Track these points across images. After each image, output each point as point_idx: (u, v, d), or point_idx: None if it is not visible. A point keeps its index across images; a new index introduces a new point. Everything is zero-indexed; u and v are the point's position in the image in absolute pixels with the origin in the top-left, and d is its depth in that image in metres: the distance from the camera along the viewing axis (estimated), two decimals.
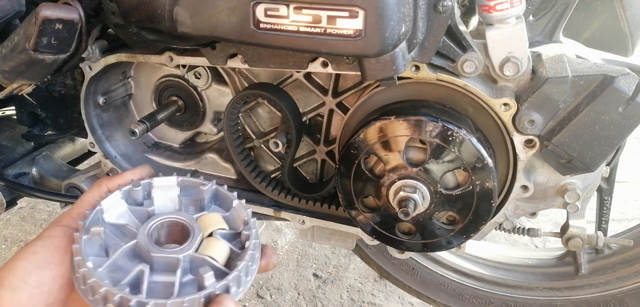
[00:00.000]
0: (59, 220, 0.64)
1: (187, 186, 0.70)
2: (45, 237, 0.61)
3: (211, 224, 0.64)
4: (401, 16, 0.65)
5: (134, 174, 0.71)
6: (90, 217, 0.61)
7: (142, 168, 0.74)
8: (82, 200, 0.67)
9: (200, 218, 0.65)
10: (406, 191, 0.80)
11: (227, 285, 0.56)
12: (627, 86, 0.71)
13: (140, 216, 0.66)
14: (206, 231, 0.63)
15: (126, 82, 1.09)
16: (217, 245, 0.61)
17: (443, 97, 0.83)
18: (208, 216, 0.66)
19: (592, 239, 1.05)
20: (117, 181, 0.69)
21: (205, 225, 0.64)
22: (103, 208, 0.63)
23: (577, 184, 0.84)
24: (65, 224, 0.63)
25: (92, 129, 1.04)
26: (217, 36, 0.73)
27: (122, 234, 0.63)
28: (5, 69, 0.80)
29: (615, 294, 1.11)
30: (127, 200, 0.67)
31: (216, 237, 0.63)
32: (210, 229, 0.64)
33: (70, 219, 0.64)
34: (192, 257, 0.59)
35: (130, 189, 0.67)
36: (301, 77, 0.92)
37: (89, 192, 0.68)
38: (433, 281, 1.27)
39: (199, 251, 0.60)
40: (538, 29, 0.87)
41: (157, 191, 0.68)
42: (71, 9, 0.77)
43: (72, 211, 0.66)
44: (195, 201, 0.70)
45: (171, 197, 0.69)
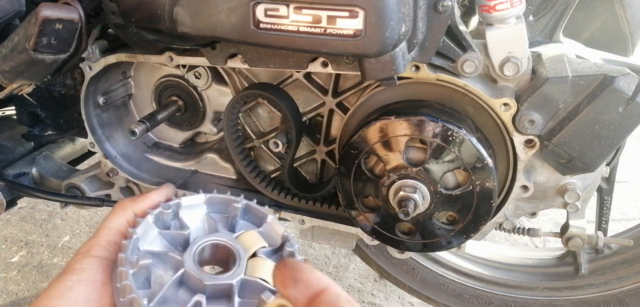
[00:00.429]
0: (89, 250, 0.60)
1: (215, 202, 0.68)
2: (77, 270, 0.57)
3: (253, 243, 0.62)
4: (401, 16, 0.65)
5: (160, 195, 0.68)
6: (129, 247, 0.57)
7: (167, 188, 0.71)
8: (109, 227, 0.63)
9: (240, 238, 0.63)
10: (406, 190, 0.80)
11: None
12: (627, 86, 0.71)
13: (175, 241, 0.63)
14: (249, 251, 0.61)
15: (126, 82, 1.09)
16: (263, 265, 0.59)
17: (443, 97, 0.83)
18: (247, 235, 0.64)
19: (592, 239, 1.05)
20: (143, 204, 0.65)
21: (247, 245, 0.62)
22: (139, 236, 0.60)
23: (577, 184, 0.84)
24: (97, 255, 0.59)
25: (92, 129, 1.04)
26: (217, 36, 0.73)
27: (162, 262, 0.60)
28: (5, 69, 0.80)
29: (615, 294, 1.11)
30: (158, 224, 0.64)
31: (260, 256, 0.61)
32: (253, 248, 0.62)
33: (100, 249, 0.60)
34: (244, 280, 0.57)
35: (160, 212, 0.64)
36: (301, 77, 0.92)
37: (114, 218, 0.64)
38: (433, 281, 1.27)
39: (248, 272, 0.58)
40: (538, 29, 0.87)
41: (185, 211, 0.66)
42: (71, 9, 0.77)
43: (99, 238, 0.61)
44: (224, 217, 0.68)
45: (199, 216, 0.66)
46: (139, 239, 0.60)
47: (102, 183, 1.11)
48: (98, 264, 0.58)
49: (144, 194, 0.68)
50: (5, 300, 1.65)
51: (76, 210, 2.03)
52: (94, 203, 1.06)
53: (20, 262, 1.81)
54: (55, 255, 1.84)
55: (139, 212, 0.64)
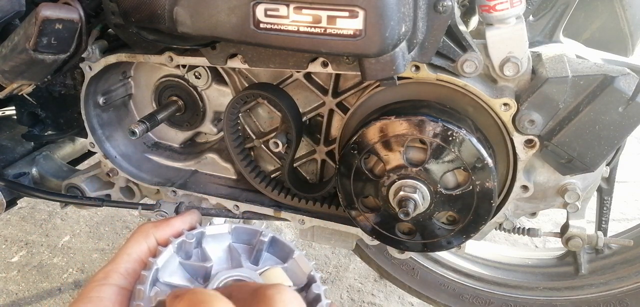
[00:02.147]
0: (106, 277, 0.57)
1: (240, 232, 0.66)
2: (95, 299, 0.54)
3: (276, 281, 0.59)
4: (401, 16, 0.65)
5: (184, 223, 0.65)
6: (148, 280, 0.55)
7: (191, 214, 0.68)
8: (129, 253, 0.60)
9: (264, 274, 0.61)
10: (406, 190, 0.80)
11: None
12: (627, 86, 0.71)
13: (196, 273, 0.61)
14: None
15: (126, 82, 1.09)
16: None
17: (443, 97, 0.83)
18: (271, 271, 0.61)
19: (592, 239, 1.05)
20: (166, 231, 0.63)
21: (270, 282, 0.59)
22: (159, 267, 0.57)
23: (577, 184, 0.84)
24: (115, 283, 0.56)
25: (92, 129, 1.04)
26: (217, 36, 0.73)
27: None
28: (5, 69, 0.80)
29: (615, 294, 1.11)
30: (179, 254, 0.61)
31: None
32: None
33: (119, 277, 0.57)
34: None
35: (183, 241, 0.61)
36: (301, 77, 0.92)
37: (134, 244, 0.61)
38: (433, 281, 1.27)
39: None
40: (538, 29, 0.87)
41: (208, 241, 0.63)
42: (71, 9, 0.77)
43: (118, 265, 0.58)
44: (248, 249, 0.65)
45: (223, 247, 0.64)
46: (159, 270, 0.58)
47: (102, 183, 1.11)
48: (116, 293, 0.55)
49: (167, 219, 0.65)
50: (5, 300, 1.65)
51: (76, 210, 2.03)
52: (94, 203, 1.06)
53: (20, 262, 1.81)
54: (55, 255, 1.84)
55: (161, 239, 0.62)
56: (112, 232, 1.97)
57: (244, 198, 1.03)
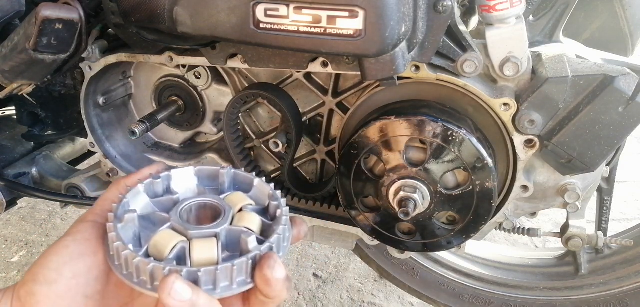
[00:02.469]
0: (84, 218, 0.64)
1: (205, 174, 0.70)
2: (73, 232, 0.60)
3: (238, 201, 0.64)
4: (401, 16, 0.65)
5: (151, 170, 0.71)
6: (118, 209, 0.60)
7: (158, 165, 0.73)
8: (103, 198, 0.67)
9: (226, 198, 0.65)
10: (406, 191, 0.80)
11: (270, 246, 0.56)
12: (627, 86, 0.71)
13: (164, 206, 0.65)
14: (236, 208, 0.63)
15: (126, 82, 1.09)
16: (249, 217, 0.61)
17: (443, 97, 0.83)
18: (234, 194, 0.66)
19: (592, 239, 1.05)
20: (135, 177, 0.68)
21: (233, 203, 0.63)
22: (128, 200, 0.62)
23: (577, 184, 0.84)
24: (91, 220, 0.63)
25: (92, 129, 1.04)
26: (217, 36, 0.73)
27: (152, 223, 0.62)
28: (5, 69, 0.80)
29: (615, 294, 1.11)
30: (148, 193, 0.66)
31: (246, 211, 0.63)
32: (239, 205, 0.63)
33: (94, 215, 0.63)
34: (229, 230, 0.59)
35: (150, 182, 0.66)
36: (301, 77, 0.92)
37: (109, 192, 0.68)
38: (433, 281, 1.27)
39: (234, 224, 0.60)
40: (538, 29, 0.87)
41: (176, 182, 0.68)
42: (71, 9, 0.77)
43: (95, 208, 0.65)
44: (214, 189, 0.69)
45: (190, 187, 0.68)
46: (129, 203, 0.62)
47: (102, 183, 1.11)
48: (92, 226, 0.61)
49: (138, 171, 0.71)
50: None
51: (76, 210, 2.03)
52: (93, 203, 1.06)
53: (20, 262, 1.81)
54: None
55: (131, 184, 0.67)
56: None
57: None
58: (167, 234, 0.58)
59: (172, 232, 0.58)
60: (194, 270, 0.52)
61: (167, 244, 0.56)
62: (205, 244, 0.57)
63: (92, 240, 0.60)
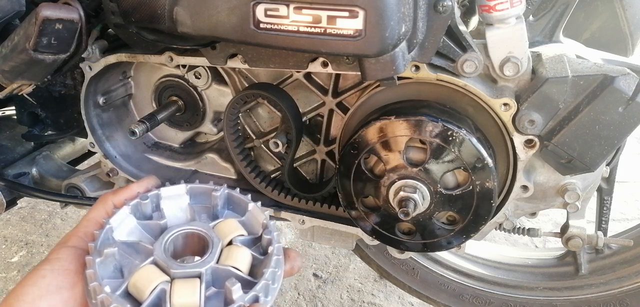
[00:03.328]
0: (66, 241, 0.61)
1: (197, 192, 0.67)
2: (52, 260, 0.58)
3: (229, 231, 0.61)
4: (401, 16, 0.65)
5: (140, 187, 0.68)
6: (100, 237, 0.58)
7: (149, 179, 0.70)
8: (88, 218, 0.64)
9: (217, 226, 0.62)
10: (406, 191, 0.80)
11: (256, 295, 0.54)
12: (627, 86, 0.71)
13: (152, 231, 0.63)
14: (225, 239, 0.60)
15: (126, 82, 1.09)
16: (238, 253, 0.59)
17: (443, 97, 0.83)
18: (225, 223, 0.63)
19: (592, 239, 1.05)
20: (122, 195, 0.66)
21: (223, 233, 0.61)
22: (112, 226, 0.60)
23: (577, 184, 0.84)
24: (73, 245, 0.60)
25: (92, 129, 1.04)
26: (217, 36, 0.73)
27: (136, 252, 0.60)
28: (5, 69, 0.80)
29: (615, 294, 1.11)
30: (136, 214, 0.63)
31: (236, 244, 0.60)
32: (229, 236, 0.61)
33: (77, 239, 0.61)
34: (215, 269, 0.56)
35: (137, 203, 0.63)
36: (301, 77, 0.92)
37: (94, 210, 0.65)
38: (433, 281, 1.27)
39: (221, 261, 0.57)
40: (538, 29, 0.87)
41: (166, 202, 0.65)
42: (71, 9, 0.77)
43: (78, 230, 0.62)
44: (207, 208, 0.67)
45: (181, 207, 0.66)
46: (114, 230, 0.60)
47: (102, 183, 1.11)
48: (73, 253, 0.59)
49: (126, 186, 0.68)
50: None
51: (76, 210, 2.03)
52: (93, 203, 1.06)
53: (20, 262, 1.81)
54: None
55: (118, 203, 0.64)
56: None
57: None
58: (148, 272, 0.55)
59: (154, 270, 0.56)
60: None
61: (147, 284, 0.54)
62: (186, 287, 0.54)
63: (71, 270, 0.57)
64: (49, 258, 0.58)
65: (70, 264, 0.58)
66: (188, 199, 0.67)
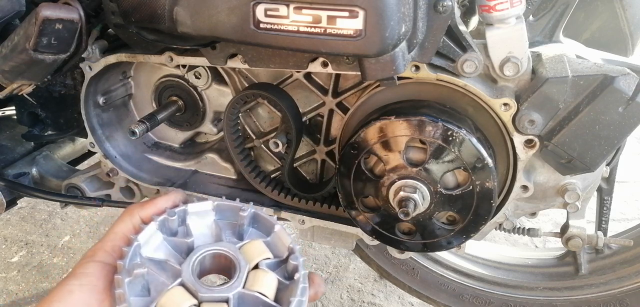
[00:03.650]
0: (93, 255, 0.60)
1: (224, 209, 0.67)
2: (80, 275, 0.57)
3: (256, 254, 0.61)
4: (401, 16, 0.65)
5: (167, 202, 0.67)
6: (129, 254, 0.57)
7: (175, 194, 0.70)
8: (115, 231, 0.63)
9: (244, 248, 0.62)
10: (406, 191, 0.80)
11: None
12: (627, 86, 0.71)
13: (179, 248, 0.62)
14: (252, 262, 0.60)
15: (126, 82, 1.09)
16: (265, 278, 0.59)
17: (443, 97, 0.83)
18: (251, 244, 0.63)
19: (592, 239, 1.05)
20: (149, 209, 0.65)
21: (249, 255, 0.61)
22: (140, 243, 0.60)
23: (577, 184, 0.84)
24: (100, 260, 0.59)
25: (92, 129, 1.04)
26: (217, 36, 0.73)
27: (163, 270, 0.59)
28: (5, 69, 0.80)
29: (615, 294, 1.11)
30: (162, 230, 0.63)
31: (263, 268, 0.60)
32: (256, 259, 0.61)
33: (104, 254, 0.60)
34: (242, 294, 0.56)
35: (165, 218, 0.63)
36: (301, 77, 0.92)
37: (121, 223, 0.64)
38: (433, 281, 1.27)
39: (247, 285, 0.57)
40: (538, 29, 0.87)
41: (192, 218, 0.65)
42: (71, 9, 0.77)
43: (105, 244, 0.62)
44: (232, 224, 0.67)
45: (207, 223, 0.66)
46: (142, 246, 0.60)
47: (102, 183, 1.11)
48: (100, 269, 0.58)
49: (153, 199, 0.68)
50: (5, 300, 1.65)
51: (76, 210, 2.03)
52: (94, 203, 1.06)
53: (20, 262, 1.81)
54: (55, 255, 1.84)
55: (145, 217, 0.64)
56: None
57: (244, 198, 1.03)
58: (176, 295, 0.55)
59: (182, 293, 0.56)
60: None
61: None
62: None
63: (99, 286, 0.57)
64: (75, 272, 0.58)
65: (98, 280, 0.57)
66: (214, 215, 0.66)
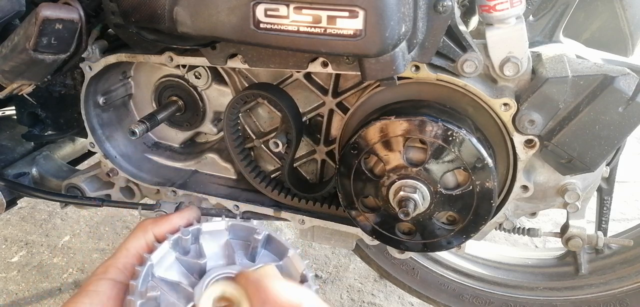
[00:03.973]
0: (104, 272, 0.59)
1: (237, 229, 0.66)
2: (91, 293, 0.57)
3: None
4: (401, 16, 0.65)
5: (182, 219, 0.66)
6: (141, 275, 0.57)
7: (190, 211, 0.69)
8: (127, 248, 0.62)
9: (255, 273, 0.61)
10: (406, 191, 0.80)
11: None
12: (627, 86, 0.71)
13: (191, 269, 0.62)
14: None
15: (126, 82, 1.09)
16: None
17: (443, 97, 0.83)
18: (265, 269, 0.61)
19: (592, 239, 1.05)
20: (164, 227, 0.64)
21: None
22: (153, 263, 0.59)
23: (577, 184, 0.84)
24: (112, 278, 0.59)
25: (92, 129, 1.04)
26: (217, 36, 0.73)
27: (175, 292, 0.59)
28: (5, 69, 0.80)
29: (615, 294, 1.11)
30: (175, 248, 0.63)
31: None
32: None
33: (116, 271, 0.59)
34: None
35: (178, 238, 0.62)
36: (301, 77, 0.92)
37: (134, 239, 0.63)
38: (433, 281, 1.27)
39: None
40: (538, 29, 0.87)
41: (205, 237, 0.64)
42: (71, 9, 0.77)
43: (117, 260, 0.60)
44: (245, 245, 0.66)
45: (220, 243, 0.65)
46: (154, 266, 0.59)
47: (102, 183, 1.11)
48: (112, 287, 0.57)
49: (166, 216, 0.67)
50: (5, 300, 1.65)
51: (76, 210, 2.03)
52: (94, 203, 1.06)
53: (20, 262, 1.81)
54: (55, 255, 1.84)
55: (159, 235, 0.63)
56: (112, 232, 1.97)
57: (244, 198, 1.03)
58: None
59: None
60: None
61: None
62: None
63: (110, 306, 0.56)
64: (87, 289, 0.57)
65: (109, 300, 0.56)
66: (227, 235, 0.66)
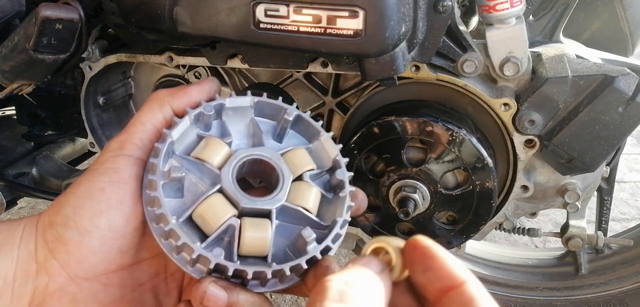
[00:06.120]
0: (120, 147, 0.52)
1: (264, 107, 0.60)
2: (109, 170, 0.51)
3: (299, 164, 0.56)
4: (401, 16, 0.65)
5: (202, 92, 0.59)
6: (162, 153, 0.51)
7: (210, 83, 0.61)
8: (142, 121, 0.55)
9: (286, 155, 0.57)
10: (406, 190, 0.80)
11: (328, 246, 0.51)
12: (627, 86, 0.71)
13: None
14: (294, 173, 0.55)
15: (126, 82, 1.09)
16: (308, 192, 0.54)
17: (443, 97, 0.83)
18: (295, 153, 0.57)
19: (592, 239, 1.05)
20: (182, 99, 0.57)
21: (292, 164, 0.56)
22: (174, 140, 0.53)
23: (577, 184, 0.84)
24: (130, 154, 0.52)
25: (92, 129, 1.04)
26: (217, 36, 0.73)
27: (199, 171, 0.54)
28: (5, 69, 0.80)
29: (615, 294, 1.11)
30: (196, 124, 0.57)
31: (306, 181, 0.55)
32: (299, 170, 0.56)
33: (133, 147, 0.53)
34: (284, 206, 0.52)
35: (201, 112, 0.55)
36: (301, 77, 0.92)
37: (149, 111, 0.56)
38: None
39: (290, 198, 0.53)
40: (538, 29, 0.87)
41: (228, 114, 0.58)
42: (71, 9, 0.77)
43: (132, 135, 0.53)
44: (272, 125, 0.60)
45: (244, 121, 0.59)
46: (175, 144, 0.54)
47: None
48: (131, 164, 0.51)
49: (184, 87, 0.59)
50: None
51: None
52: None
53: None
54: None
55: (177, 109, 0.56)
56: None
57: None
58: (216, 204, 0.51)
59: (221, 201, 0.51)
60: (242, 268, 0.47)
61: (216, 219, 0.49)
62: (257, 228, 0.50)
63: (131, 184, 0.51)
64: (105, 167, 0.51)
65: (130, 178, 0.51)
66: (252, 113, 0.59)
